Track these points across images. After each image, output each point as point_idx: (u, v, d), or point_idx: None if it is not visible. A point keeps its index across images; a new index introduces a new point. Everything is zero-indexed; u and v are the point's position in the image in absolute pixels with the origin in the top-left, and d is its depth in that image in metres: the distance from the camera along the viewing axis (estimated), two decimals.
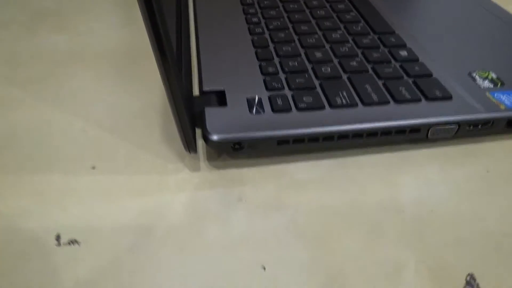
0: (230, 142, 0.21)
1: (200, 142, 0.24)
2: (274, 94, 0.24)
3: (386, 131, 0.22)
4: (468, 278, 0.17)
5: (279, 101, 0.23)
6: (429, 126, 0.22)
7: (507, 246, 0.19)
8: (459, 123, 0.23)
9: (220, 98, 0.24)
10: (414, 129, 0.22)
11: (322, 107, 0.23)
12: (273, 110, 0.22)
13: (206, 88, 0.24)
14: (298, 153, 0.23)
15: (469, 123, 0.23)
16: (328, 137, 0.22)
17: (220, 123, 0.21)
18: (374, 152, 0.23)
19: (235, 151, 0.21)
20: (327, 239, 0.19)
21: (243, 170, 0.22)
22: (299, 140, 0.22)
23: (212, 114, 0.22)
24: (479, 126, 0.23)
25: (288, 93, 0.24)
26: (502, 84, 0.25)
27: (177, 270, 0.18)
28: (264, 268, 0.18)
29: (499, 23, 0.32)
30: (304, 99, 0.23)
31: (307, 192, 0.21)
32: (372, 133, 0.22)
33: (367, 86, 0.24)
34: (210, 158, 0.23)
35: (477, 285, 0.17)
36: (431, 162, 0.23)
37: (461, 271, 0.18)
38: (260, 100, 0.23)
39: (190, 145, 0.20)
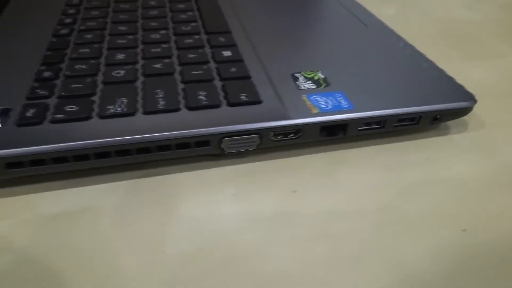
0: None
1: None
2: (32, 103, 0.18)
3: (162, 145, 0.17)
4: None
5: (30, 112, 0.18)
6: (219, 137, 0.18)
7: None
8: (259, 132, 0.18)
9: None
10: (200, 141, 0.18)
11: (86, 118, 0.18)
12: (17, 123, 0.17)
13: None
14: (52, 178, 0.18)
15: (273, 131, 0.18)
16: (81, 156, 0.17)
17: None
18: (162, 173, 0.19)
19: None
20: None
21: None
22: (38, 161, 0.16)
23: None
24: (290, 135, 0.19)
25: (54, 101, 0.19)
26: (327, 85, 0.21)
27: None
28: None
29: (356, 24, 0.29)
30: (66, 108, 0.18)
31: (42, 230, 0.16)
32: (142, 148, 0.17)
33: (159, 91, 0.20)
34: None
35: None
36: (228, 182, 0.18)
37: None
38: (5, 111, 0.18)
39: None
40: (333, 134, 0.20)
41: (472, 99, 0.21)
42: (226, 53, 0.23)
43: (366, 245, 0.15)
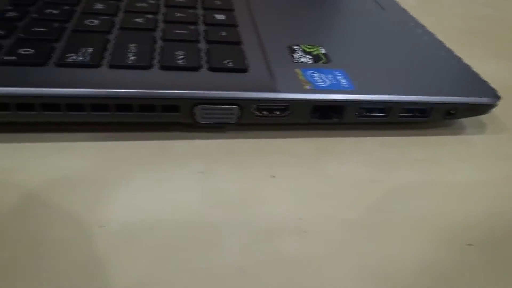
0: None
1: None
2: None
3: (122, 104, 0.15)
4: None
5: None
6: (191, 102, 0.15)
7: None
8: (239, 103, 0.16)
9: None
10: (168, 105, 0.15)
11: (40, 64, 0.15)
12: None
13: None
14: None
15: (256, 104, 0.16)
16: (25, 105, 0.14)
17: None
18: (120, 138, 0.16)
19: None
20: None
21: None
22: None
23: None
24: (277, 112, 0.16)
25: (9, 42, 0.16)
26: (328, 62, 0.18)
27: None
28: None
29: (372, 5, 0.26)
30: (20, 51, 0.15)
31: None
32: (98, 105, 0.15)
33: (133, 46, 0.17)
34: None
35: None
36: (196, 158, 0.15)
37: None
38: None
39: None
40: (327, 117, 0.17)
41: (495, 95, 0.18)
42: (219, 17, 0.21)
43: (336, 247, 0.13)
